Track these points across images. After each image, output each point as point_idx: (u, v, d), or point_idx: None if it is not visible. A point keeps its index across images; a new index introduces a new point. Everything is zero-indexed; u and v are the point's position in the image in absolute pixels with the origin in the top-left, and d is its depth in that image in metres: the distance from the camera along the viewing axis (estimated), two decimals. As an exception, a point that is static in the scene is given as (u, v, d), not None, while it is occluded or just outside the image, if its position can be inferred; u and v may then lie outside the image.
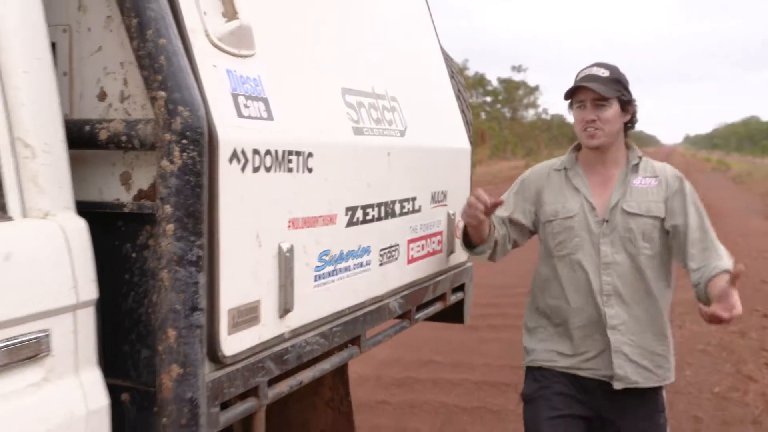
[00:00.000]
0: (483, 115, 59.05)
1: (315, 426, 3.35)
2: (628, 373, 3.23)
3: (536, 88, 79.40)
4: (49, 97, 1.75)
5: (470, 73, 63.14)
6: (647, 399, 3.30)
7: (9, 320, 1.55)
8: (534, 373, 3.40)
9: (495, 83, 73.99)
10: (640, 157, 3.32)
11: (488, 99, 72.67)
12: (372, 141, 2.72)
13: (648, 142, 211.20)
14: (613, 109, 3.20)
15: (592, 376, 3.30)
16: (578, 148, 3.40)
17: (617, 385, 3.23)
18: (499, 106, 73.63)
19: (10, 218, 1.64)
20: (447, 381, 6.88)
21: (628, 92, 3.27)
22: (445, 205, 3.42)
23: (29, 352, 1.60)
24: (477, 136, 42.90)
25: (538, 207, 3.37)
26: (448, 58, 3.93)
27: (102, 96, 1.93)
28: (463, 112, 3.85)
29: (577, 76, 3.27)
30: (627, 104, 3.26)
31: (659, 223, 3.22)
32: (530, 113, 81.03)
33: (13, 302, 1.57)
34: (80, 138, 1.86)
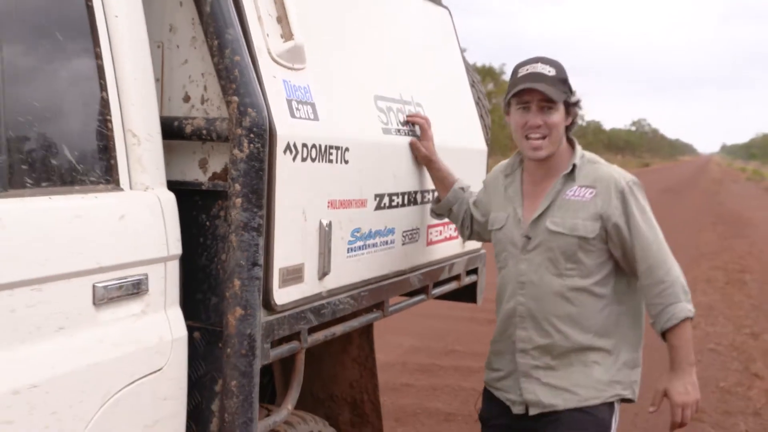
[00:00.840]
0: (518, 120, 59.02)
1: (343, 379, 3.87)
2: (540, 397, 2.96)
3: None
4: (150, 98, 2.30)
5: (507, 77, 63.18)
6: (590, 422, 2.91)
7: (121, 264, 2.10)
8: (485, 389, 3.24)
9: (531, 88, 73.86)
10: (575, 165, 2.93)
11: (524, 104, 72.56)
12: (398, 140, 3.24)
13: (684, 150, 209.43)
14: (559, 113, 2.87)
15: (499, 396, 3.10)
16: None
17: (532, 411, 2.98)
18: (535, 111, 73.49)
19: (121, 189, 2.18)
20: (467, 368, 7.31)
21: (572, 92, 2.93)
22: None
23: (134, 289, 2.15)
24: (511, 141, 43.03)
25: (488, 213, 3.21)
26: (469, 69, 4.43)
27: (186, 99, 2.47)
28: (481, 117, 4.34)
29: (516, 72, 2.92)
30: (572, 106, 2.93)
31: (589, 244, 2.87)
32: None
33: (125, 251, 2.11)
34: (170, 131, 2.40)
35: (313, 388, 3.71)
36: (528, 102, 2.86)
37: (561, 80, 2.87)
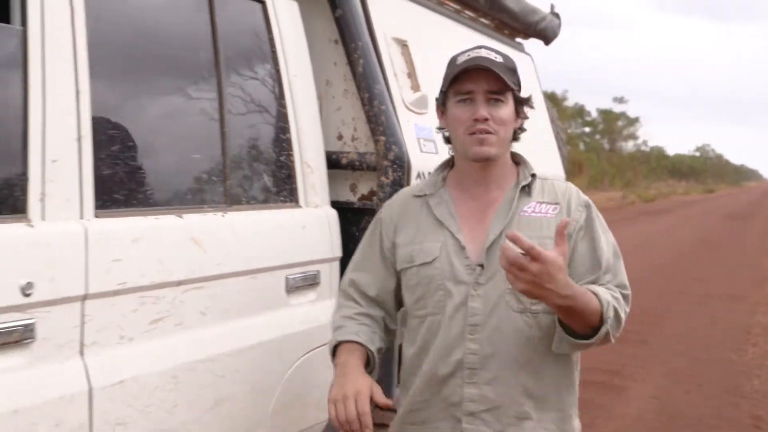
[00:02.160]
0: (581, 146, 59.53)
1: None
2: None
3: (636, 120, 79.18)
4: (318, 137, 3.02)
5: (570, 103, 63.52)
6: None
7: (304, 262, 2.83)
8: None
9: (594, 114, 74.29)
10: (533, 176, 2.39)
11: (587, 129, 73.07)
12: (496, 169, 3.92)
13: (750, 176, 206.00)
14: (509, 108, 2.31)
15: None
16: (449, 165, 2.47)
17: None
18: (597, 136, 73.80)
19: (301, 207, 2.90)
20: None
21: (521, 87, 2.37)
22: (545, 218, 4.59)
23: (311, 281, 2.87)
24: (574, 167, 43.41)
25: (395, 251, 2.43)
26: (549, 107, 5.12)
27: (339, 137, 3.19)
28: (560, 148, 5.01)
29: (455, 60, 2.34)
30: (522, 104, 2.38)
31: None
32: (629, 144, 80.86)
33: (306, 252, 2.84)
34: (329, 162, 3.12)
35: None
36: (471, 92, 2.28)
37: (510, 69, 2.33)
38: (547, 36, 5.20)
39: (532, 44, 5.22)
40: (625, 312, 2.28)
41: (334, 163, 3.13)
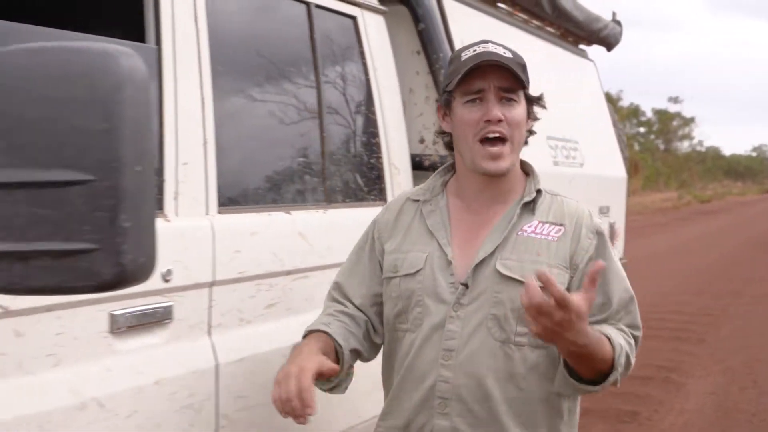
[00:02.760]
0: (636, 146, 59.14)
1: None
2: None
3: (692, 120, 78.34)
4: (403, 141, 3.29)
5: (625, 103, 63.09)
6: None
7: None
8: None
9: (649, 114, 73.74)
10: (539, 191, 2.20)
11: (642, 130, 72.56)
12: (563, 170, 4.16)
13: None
14: (523, 108, 2.12)
15: None
16: (451, 169, 2.31)
17: None
18: (652, 137, 73.24)
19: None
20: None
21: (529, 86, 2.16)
22: (608, 216, 4.81)
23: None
24: (630, 167, 43.04)
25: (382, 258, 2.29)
26: (611, 110, 5.33)
27: (421, 141, 3.45)
28: (622, 150, 5.23)
29: (459, 56, 2.13)
30: (534, 104, 2.20)
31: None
32: (684, 145, 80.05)
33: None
34: (412, 164, 3.38)
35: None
36: (482, 91, 2.07)
37: (521, 66, 2.12)
38: (609, 43, 5.42)
39: (593, 49, 5.44)
40: (634, 356, 2.09)
41: (417, 164, 3.39)
